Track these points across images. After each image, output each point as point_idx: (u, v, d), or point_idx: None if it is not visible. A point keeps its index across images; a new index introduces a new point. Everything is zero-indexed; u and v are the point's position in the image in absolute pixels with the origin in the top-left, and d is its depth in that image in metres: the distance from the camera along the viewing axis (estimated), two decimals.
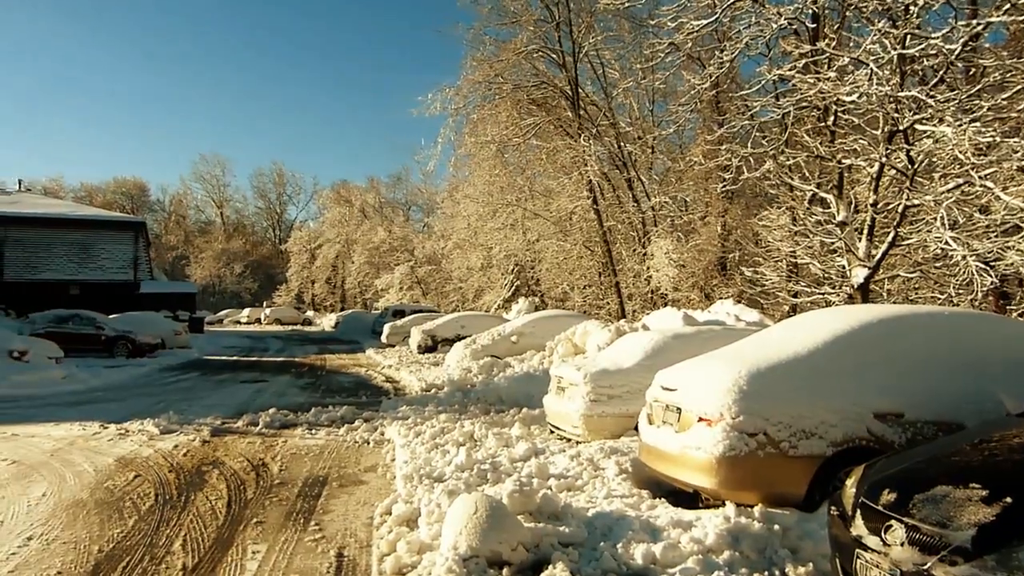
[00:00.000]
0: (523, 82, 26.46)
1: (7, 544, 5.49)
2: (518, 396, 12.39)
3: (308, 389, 16.04)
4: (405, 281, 51.29)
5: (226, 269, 77.21)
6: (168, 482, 7.44)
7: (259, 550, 5.42)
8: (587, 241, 26.60)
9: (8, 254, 35.42)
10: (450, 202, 39.81)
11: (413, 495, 6.33)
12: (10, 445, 9.36)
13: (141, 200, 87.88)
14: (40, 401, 14.10)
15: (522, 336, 19.03)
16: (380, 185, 71.08)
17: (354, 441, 9.65)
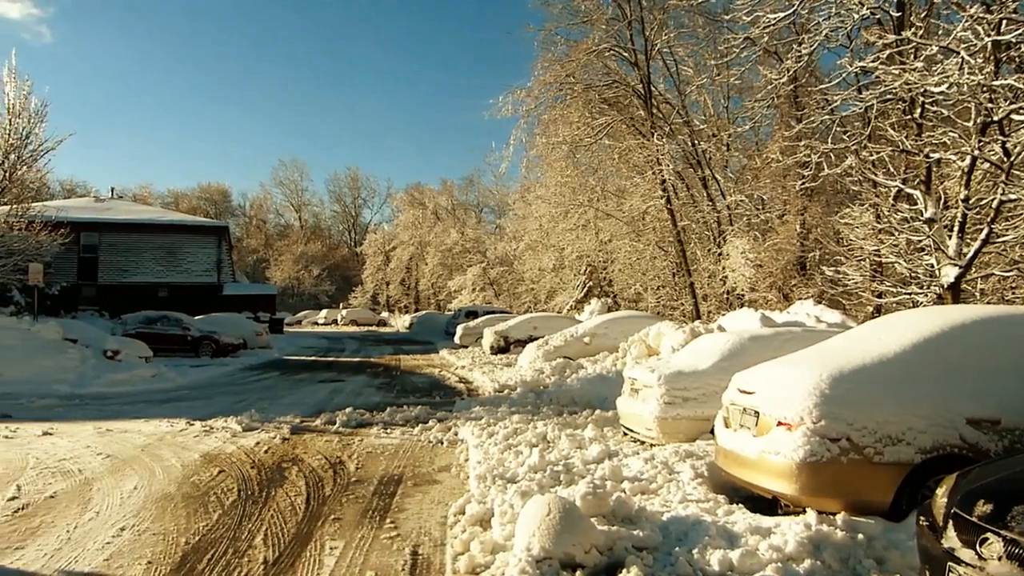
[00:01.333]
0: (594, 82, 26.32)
1: (103, 534, 5.76)
2: (591, 398, 12.32)
3: (383, 389, 16.31)
4: (477, 282, 51.66)
5: (304, 271, 79.24)
6: (250, 478, 7.67)
7: (336, 546, 5.53)
8: (660, 241, 26.26)
9: (102, 258, 37.22)
10: (522, 203, 39.89)
11: (486, 495, 6.36)
12: (105, 440, 9.82)
13: (224, 205, 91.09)
14: (131, 398, 14.76)
15: (595, 337, 18.91)
16: (453, 187, 71.93)
17: (428, 441, 9.76)
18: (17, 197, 20.85)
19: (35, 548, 5.43)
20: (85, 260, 36.46)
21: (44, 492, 7.01)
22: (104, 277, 37.04)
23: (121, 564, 5.12)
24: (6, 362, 16.48)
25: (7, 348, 16.90)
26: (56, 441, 9.72)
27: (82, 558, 5.23)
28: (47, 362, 16.89)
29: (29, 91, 19.98)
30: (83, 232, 35.04)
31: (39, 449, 9.12)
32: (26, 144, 19.92)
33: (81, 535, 5.73)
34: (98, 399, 14.56)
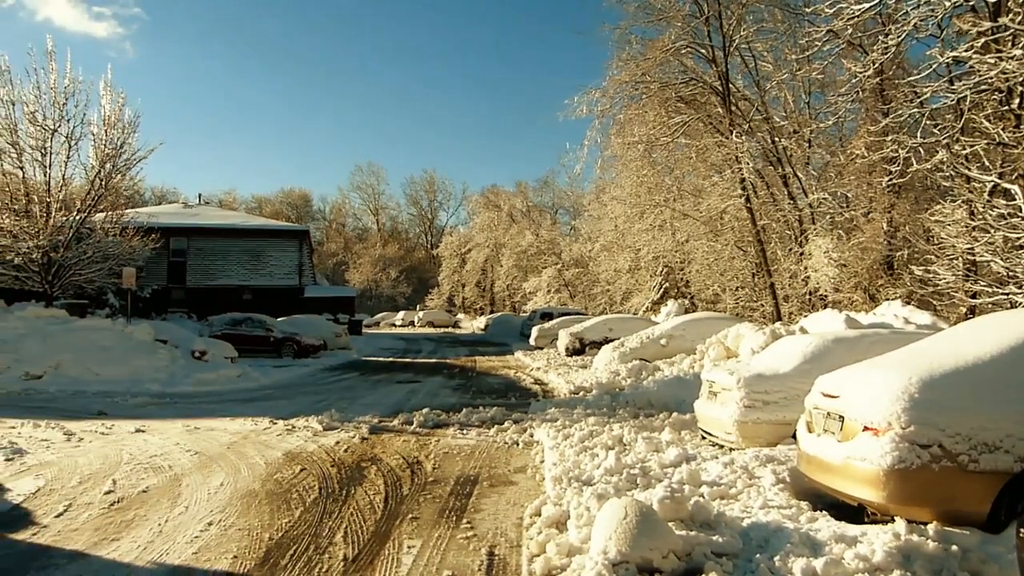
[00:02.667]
0: (671, 80, 25.94)
1: (191, 528, 5.98)
2: (668, 400, 12.14)
3: (459, 390, 16.46)
4: (553, 284, 51.61)
5: (382, 274, 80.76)
6: (330, 476, 7.84)
7: (414, 545, 5.60)
8: (739, 241, 25.69)
9: (191, 262, 38.80)
10: (597, 204, 39.67)
11: (562, 497, 6.33)
12: (193, 437, 10.21)
13: (305, 209, 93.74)
14: (218, 397, 15.31)
15: (671, 339, 18.65)
16: (528, 189, 72.05)
17: (504, 442, 9.79)
18: (112, 204, 21.92)
19: (129, 540, 5.68)
20: (174, 264, 38.11)
21: (137, 487, 7.34)
22: (192, 280, 38.61)
23: (208, 558, 5.30)
24: (102, 362, 17.34)
25: (103, 349, 17.78)
26: (148, 438, 10.16)
27: (172, 551, 5.43)
28: (140, 362, 17.69)
29: (123, 103, 21.03)
30: (172, 237, 36.62)
31: (132, 445, 9.55)
32: (120, 154, 20.93)
33: (171, 529, 5.96)
34: (187, 398, 15.16)
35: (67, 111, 19.87)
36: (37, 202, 19.76)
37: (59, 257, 19.91)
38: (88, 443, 9.71)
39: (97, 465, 8.33)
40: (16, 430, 10.55)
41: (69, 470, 8.07)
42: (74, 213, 20.40)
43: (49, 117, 19.69)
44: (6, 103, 19.20)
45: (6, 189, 19.46)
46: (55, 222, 19.80)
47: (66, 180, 20.36)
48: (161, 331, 20.51)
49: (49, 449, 9.26)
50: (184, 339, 20.68)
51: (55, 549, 5.50)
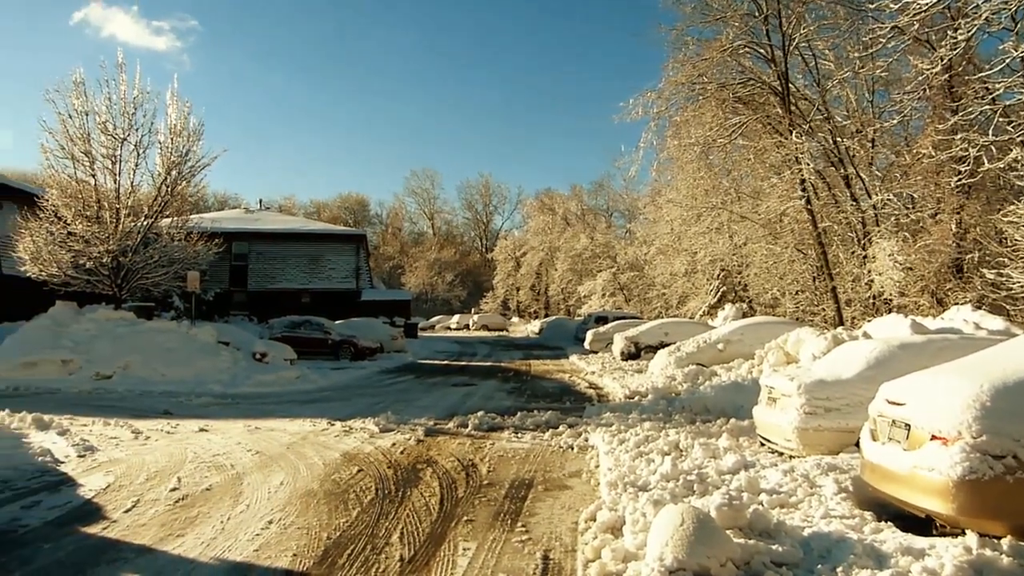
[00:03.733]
0: (728, 81, 25.53)
1: (252, 526, 6.12)
2: (725, 406, 11.94)
3: (514, 394, 16.48)
4: (607, 287, 51.32)
5: (437, 277, 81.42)
6: (387, 477, 7.93)
7: (469, 547, 5.62)
8: (799, 244, 25.12)
9: (252, 266, 39.77)
10: (652, 207, 39.29)
11: (617, 503, 6.28)
12: (254, 437, 10.45)
13: (362, 214, 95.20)
14: (277, 398, 15.63)
15: (729, 344, 18.38)
16: (582, 192, 71.87)
17: (558, 446, 9.76)
18: (178, 210, 22.56)
19: (193, 536, 5.83)
20: (236, 268, 39.11)
21: (201, 484, 7.53)
22: (253, 284, 39.56)
23: (269, 555, 5.41)
24: (168, 363, 17.88)
25: (169, 350, 18.33)
26: (211, 437, 10.43)
27: (234, 548, 5.56)
28: (203, 363, 18.18)
29: (188, 112, 21.63)
30: (234, 242, 37.57)
31: (196, 444, 9.82)
32: (185, 161, 21.53)
33: (233, 526, 6.10)
34: (248, 399, 15.52)
35: (136, 120, 20.56)
36: (107, 208, 20.47)
37: (127, 261, 20.58)
38: (154, 441, 10.02)
39: (163, 463, 8.59)
40: (88, 428, 10.95)
41: (137, 467, 8.34)
42: (142, 219, 21.06)
43: (119, 126, 20.39)
44: (80, 113, 19.96)
45: (79, 196, 20.22)
46: (124, 227, 20.47)
47: (134, 187, 21.03)
48: (223, 333, 21.04)
49: (118, 447, 9.59)
50: (245, 341, 21.19)
51: (124, 543, 5.68)
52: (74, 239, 19.99)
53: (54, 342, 18.11)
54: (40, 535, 5.89)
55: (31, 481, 7.64)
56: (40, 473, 7.99)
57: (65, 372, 17.53)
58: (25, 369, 17.35)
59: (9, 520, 6.26)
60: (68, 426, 10.76)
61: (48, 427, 10.48)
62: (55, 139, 19.89)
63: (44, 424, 10.59)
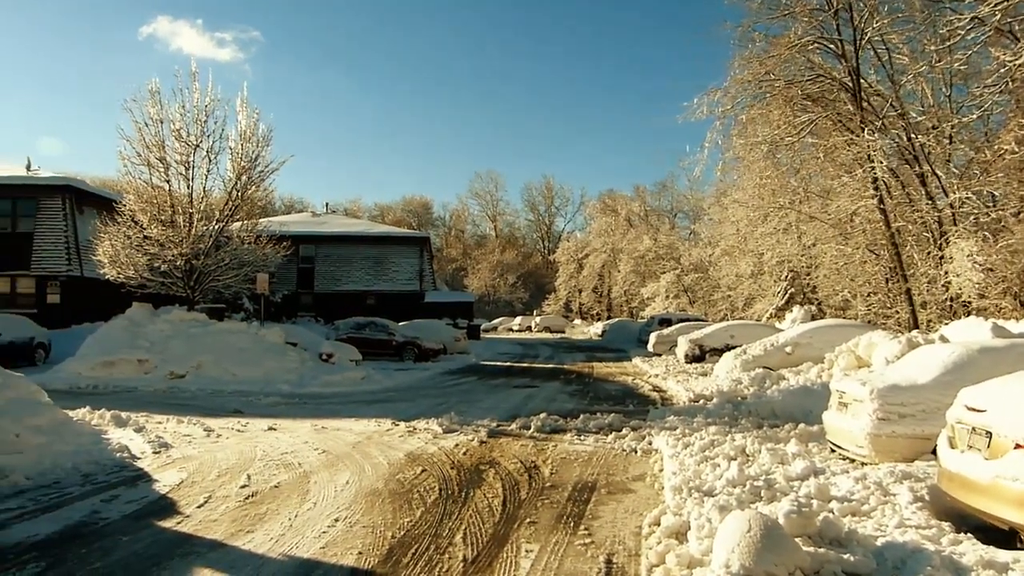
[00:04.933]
0: (796, 77, 24.93)
1: (319, 524, 6.23)
2: (793, 410, 11.65)
3: (576, 396, 16.40)
4: (671, 289, 50.73)
5: (500, 279, 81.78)
6: (450, 478, 7.97)
7: (532, 549, 5.61)
8: (871, 244, 24.36)
9: (318, 268, 40.63)
10: (718, 208, 38.73)
11: (682, 507, 6.18)
12: (321, 436, 10.65)
13: (425, 217, 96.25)
14: (343, 398, 15.90)
15: (797, 347, 17.95)
16: (645, 193, 71.25)
17: (622, 449, 9.67)
18: (247, 214, 23.21)
19: (263, 532, 5.97)
20: (303, 270, 40.03)
21: (270, 482, 7.71)
22: (319, 286, 40.42)
23: (335, 553, 5.49)
24: (238, 363, 18.39)
25: (239, 350, 18.85)
26: (279, 436, 10.68)
27: (302, 544, 5.67)
28: (272, 363, 18.64)
29: (257, 119, 22.22)
30: (302, 244, 38.44)
31: (265, 443, 10.06)
32: (255, 166, 22.11)
33: (301, 523, 6.22)
34: (314, 398, 15.84)
35: (208, 127, 21.21)
36: (181, 213, 21.17)
37: (200, 264, 21.24)
38: (225, 439, 10.31)
39: (233, 460, 8.82)
40: (162, 425, 11.34)
41: (209, 464, 8.59)
42: (213, 223, 21.71)
43: (192, 133, 21.06)
44: (155, 121, 20.71)
45: (154, 201, 20.97)
46: (196, 231, 21.14)
47: (206, 192, 21.71)
48: (291, 334, 21.54)
49: (191, 444, 9.90)
50: (312, 342, 21.65)
51: (196, 538, 5.85)
52: (150, 243, 20.74)
53: (131, 342, 18.83)
54: (119, 528, 6.12)
55: (110, 476, 7.95)
56: (119, 468, 8.31)
57: (141, 371, 18.20)
58: (104, 368, 18.09)
59: (90, 512, 6.53)
60: (144, 423, 11.15)
61: (126, 424, 10.89)
62: (132, 146, 20.72)
63: (122, 421, 11.01)
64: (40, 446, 8.35)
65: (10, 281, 27.54)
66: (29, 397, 9.31)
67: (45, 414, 9.15)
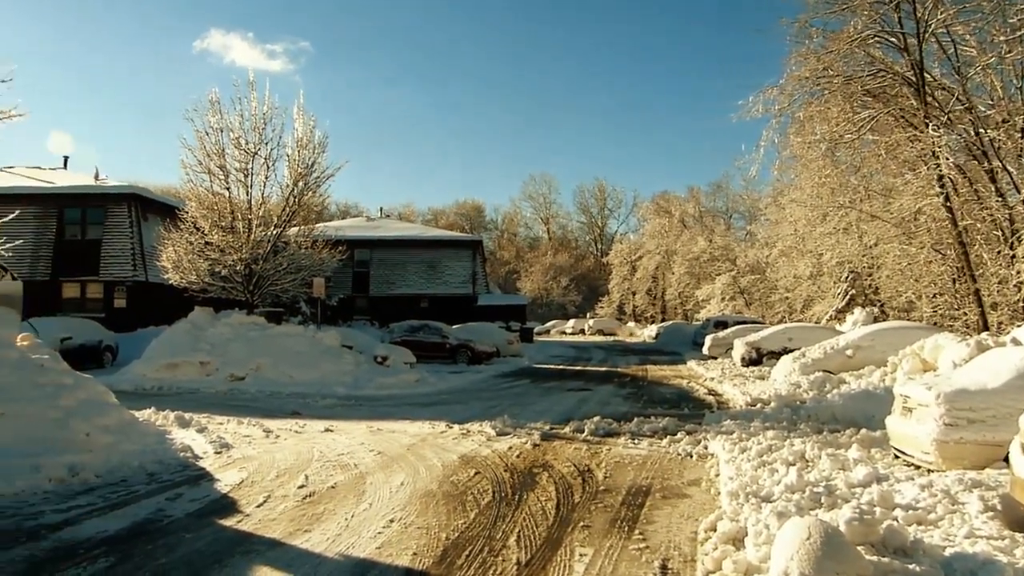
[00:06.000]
0: (856, 73, 24.28)
1: (375, 524, 6.30)
2: (855, 415, 11.35)
3: (630, 399, 16.27)
4: (727, 291, 49.97)
5: (553, 282, 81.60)
6: (503, 481, 7.98)
7: (586, 553, 5.57)
8: (937, 244, 23.58)
9: (373, 272, 41.16)
10: (774, 208, 38.03)
11: (739, 513, 6.07)
12: (376, 438, 10.77)
13: (478, 220, 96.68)
14: (398, 401, 16.06)
15: (859, 350, 17.51)
16: (700, 194, 70.33)
17: (676, 453, 9.56)
18: (304, 219, 23.66)
19: (320, 532, 6.06)
20: (358, 274, 40.61)
21: (327, 482, 7.83)
22: (374, 289, 40.94)
23: (390, 553, 5.55)
24: (296, 365, 18.73)
25: (297, 353, 19.20)
26: (336, 437, 10.84)
27: (358, 544, 5.74)
28: (328, 366, 18.93)
29: (313, 126, 22.64)
30: (357, 249, 38.98)
31: (322, 444, 10.23)
32: (311, 172, 22.53)
33: (357, 523, 6.30)
34: (370, 400, 16.04)
35: (266, 135, 21.70)
36: (240, 219, 21.68)
37: (258, 269, 21.72)
38: (284, 440, 10.51)
39: (292, 461, 8.99)
40: (223, 426, 11.61)
41: (268, 464, 8.77)
42: (271, 228, 22.18)
43: (251, 141, 21.57)
44: (215, 130, 21.29)
45: (215, 208, 21.54)
46: (255, 237, 21.63)
47: (264, 198, 22.20)
48: (347, 337, 21.86)
49: (251, 444, 10.12)
50: (367, 345, 21.93)
51: (256, 536, 5.98)
52: (211, 248, 21.30)
53: (193, 345, 19.35)
54: (182, 525, 6.28)
55: (174, 475, 8.18)
56: (182, 468, 8.54)
57: (203, 373, 18.70)
58: (168, 370, 18.63)
59: (156, 510, 6.72)
60: (206, 424, 11.45)
61: (188, 425, 11.19)
62: (193, 155, 21.34)
63: (185, 422, 11.31)
64: (109, 445, 8.63)
65: (80, 286, 28.58)
66: (98, 398, 9.64)
67: (113, 414, 9.47)
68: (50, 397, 8.77)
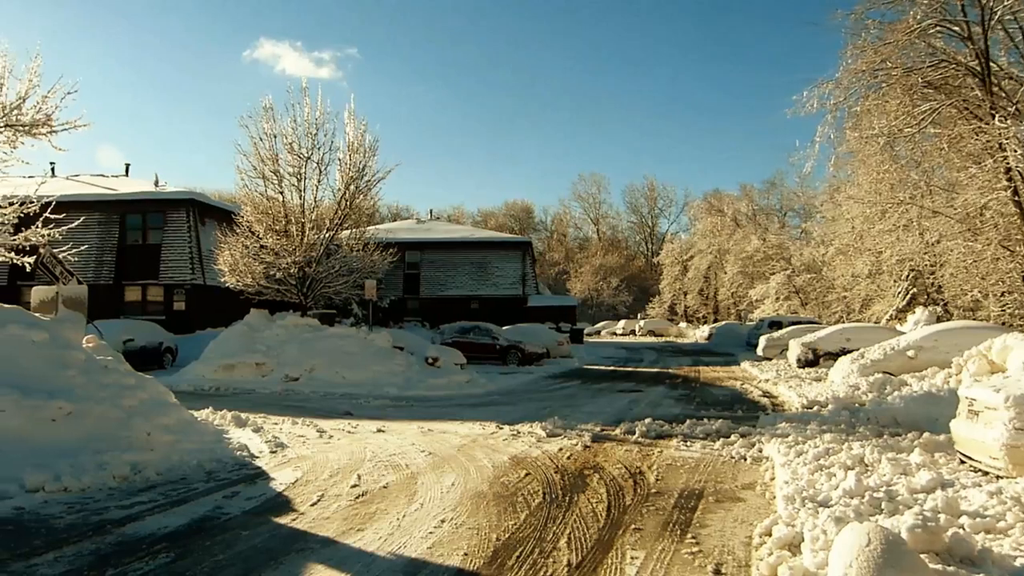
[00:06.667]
0: (916, 64, 23.56)
1: (426, 524, 6.32)
2: (917, 418, 11.00)
3: (682, 401, 16.07)
4: (781, 291, 49.04)
5: (603, 283, 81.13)
6: (554, 482, 7.94)
7: (637, 556, 5.50)
8: (1005, 240, 22.73)
9: (423, 274, 41.51)
10: (830, 205, 37.20)
11: (795, 518, 5.92)
12: (427, 439, 10.83)
13: (527, 221, 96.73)
14: (448, 401, 16.15)
15: (921, 351, 16.98)
16: (753, 192, 69.11)
17: (730, 456, 9.39)
18: (355, 222, 23.96)
19: (372, 531, 6.11)
20: (409, 276, 41.02)
21: (379, 482, 7.90)
22: (425, 291, 41.30)
23: (441, 553, 5.56)
24: (348, 366, 18.98)
25: (349, 355, 19.45)
26: (387, 438, 10.93)
27: (409, 544, 5.77)
28: (380, 367, 19.13)
29: (364, 130, 22.90)
30: (407, 251, 39.39)
31: (374, 444, 10.32)
32: (362, 176, 22.81)
33: (408, 523, 6.33)
34: (421, 401, 16.15)
35: (318, 140, 22.04)
36: (294, 222, 22.06)
37: (312, 271, 22.07)
38: (337, 440, 10.64)
39: (344, 460, 9.09)
40: (278, 426, 11.81)
41: (321, 464, 8.89)
42: (324, 231, 22.52)
43: (303, 146, 21.92)
44: (269, 136, 21.70)
45: (269, 212, 21.96)
46: (308, 240, 21.98)
47: (317, 202, 22.55)
48: (398, 339, 22.05)
49: (305, 444, 10.27)
50: (418, 346, 22.09)
51: (310, 535, 6.06)
52: (266, 252, 21.72)
53: (249, 347, 19.76)
54: (239, 523, 6.40)
55: (231, 473, 8.35)
56: (239, 466, 8.72)
57: (258, 374, 19.08)
58: (225, 371, 19.06)
59: (214, 508, 6.87)
60: (262, 424, 11.66)
61: (245, 424, 11.42)
62: (248, 160, 21.80)
63: (241, 421, 11.55)
64: (169, 444, 8.86)
65: (141, 290, 29.48)
66: (159, 398, 9.91)
67: (173, 414, 9.71)
68: (114, 397, 9.04)
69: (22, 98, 11.01)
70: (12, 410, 7.96)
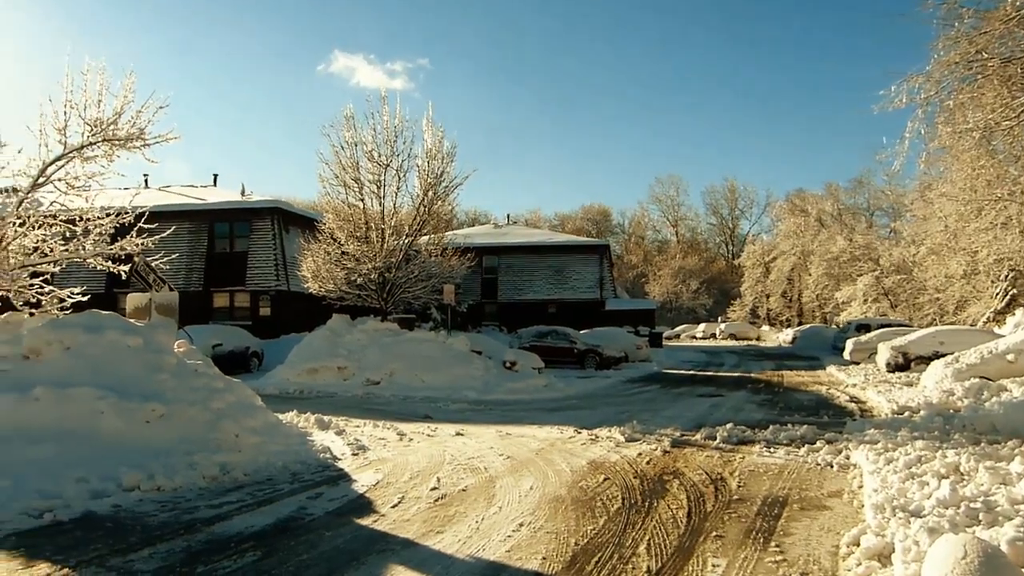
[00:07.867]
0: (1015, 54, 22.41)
1: (504, 527, 6.36)
2: (1018, 425, 10.42)
3: (765, 406, 15.68)
4: (869, 293, 47.29)
5: (682, 286, 79.94)
6: (633, 487, 7.87)
7: (719, 564, 5.41)
8: None
9: (501, 279, 41.78)
10: (921, 203, 35.73)
11: (885, 528, 5.71)
12: (505, 442, 10.90)
13: (604, 224, 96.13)
14: (526, 405, 16.18)
15: (1022, 354, 16.11)
16: (838, 191, 66.98)
17: (815, 463, 9.11)
18: (434, 228, 24.32)
19: (451, 534, 6.19)
20: (487, 280, 41.35)
21: (458, 485, 7.99)
22: (502, 295, 41.56)
23: (520, 557, 5.59)
24: (427, 370, 19.26)
25: (429, 358, 19.74)
26: (466, 441, 11.05)
27: (488, 547, 5.82)
28: (458, 371, 19.35)
29: (442, 137, 23.22)
30: (485, 256, 39.73)
31: (453, 447, 10.45)
32: (440, 182, 23.13)
33: (487, 527, 6.39)
34: (499, 405, 16.25)
35: (397, 147, 22.46)
36: (374, 229, 22.54)
37: (392, 277, 22.48)
38: (416, 443, 10.82)
39: (424, 463, 9.23)
40: (360, 429, 12.09)
41: (402, 466, 9.05)
42: (403, 237, 22.92)
43: (383, 154, 22.37)
44: (350, 144, 22.25)
45: (351, 219, 22.51)
46: (388, 246, 22.42)
47: (396, 208, 22.96)
48: (476, 343, 22.25)
49: (385, 447, 10.48)
50: (496, 350, 22.24)
51: (391, 536, 6.18)
52: (347, 258, 22.27)
53: (332, 351, 20.27)
54: (322, 523, 6.58)
55: (315, 475, 8.59)
56: (322, 468, 8.96)
57: (340, 378, 19.56)
58: (308, 375, 19.62)
59: (298, 509, 7.08)
60: (344, 427, 11.95)
61: (327, 427, 11.72)
62: (330, 168, 22.39)
63: (324, 424, 11.86)
64: (255, 445, 9.18)
65: (229, 296, 30.62)
66: (246, 401, 10.28)
67: (259, 416, 10.06)
68: (204, 400, 9.41)
69: (118, 113, 11.56)
70: (110, 412, 8.39)
